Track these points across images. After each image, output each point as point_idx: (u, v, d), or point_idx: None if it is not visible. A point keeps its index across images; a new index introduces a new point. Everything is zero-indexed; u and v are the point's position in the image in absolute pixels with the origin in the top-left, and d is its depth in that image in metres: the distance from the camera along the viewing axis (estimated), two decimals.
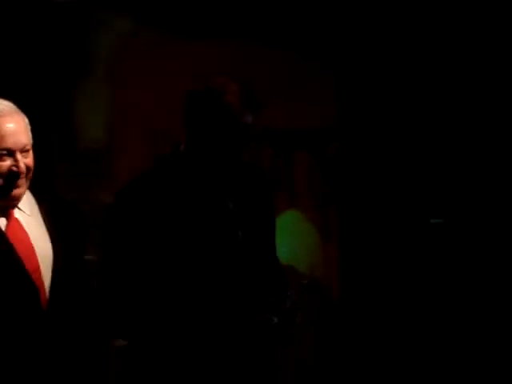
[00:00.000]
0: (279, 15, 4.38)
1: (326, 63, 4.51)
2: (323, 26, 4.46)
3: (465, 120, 4.42)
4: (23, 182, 2.54)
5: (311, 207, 4.61)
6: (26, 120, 2.58)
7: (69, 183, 4.08)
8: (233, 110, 2.57)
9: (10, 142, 2.50)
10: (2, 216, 2.56)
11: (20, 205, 2.58)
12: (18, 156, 2.51)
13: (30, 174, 2.56)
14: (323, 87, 4.53)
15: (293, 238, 4.59)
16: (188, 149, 2.63)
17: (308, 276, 4.58)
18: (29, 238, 2.54)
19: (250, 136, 2.61)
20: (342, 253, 4.56)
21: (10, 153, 2.51)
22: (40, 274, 2.52)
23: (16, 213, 2.57)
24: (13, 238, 2.52)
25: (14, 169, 2.51)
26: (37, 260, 2.53)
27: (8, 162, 2.51)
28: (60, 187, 3.98)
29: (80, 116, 4.11)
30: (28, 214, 2.58)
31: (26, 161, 2.53)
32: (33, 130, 2.61)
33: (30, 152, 2.56)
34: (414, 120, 4.49)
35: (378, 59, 4.47)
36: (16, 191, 2.53)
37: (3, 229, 2.54)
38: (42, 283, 2.52)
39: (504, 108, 4.34)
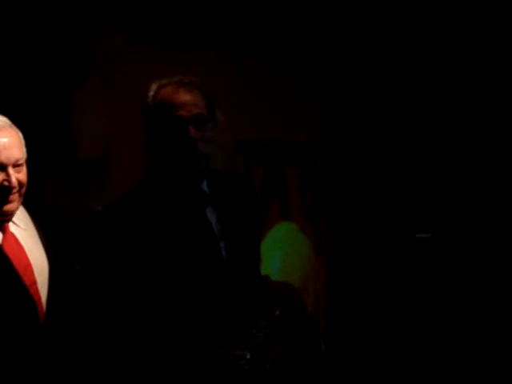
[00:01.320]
0: (269, 30, 4.40)
1: (312, 78, 4.54)
2: (311, 42, 4.50)
3: (450, 135, 4.44)
4: (16, 197, 2.53)
5: (303, 220, 4.62)
6: (20, 135, 2.59)
7: (65, 194, 4.09)
8: (177, 126, 2.48)
9: (2, 157, 2.49)
10: None
11: (15, 219, 2.59)
12: (10, 170, 2.50)
13: (24, 190, 2.57)
14: (310, 102, 4.56)
15: (288, 248, 4.60)
16: (154, 166, 2.58)
17: (300, 287, 4.59)
18: (25, 253, 2.55)
19: (200, 150, 2.49)
20: (329, 266, 4.57)
21: (2, 167, 2.51)
22: (37, 287, 2.54)
23: (11, 227, 2.59)
24: (9, 253, 2.53)
25: (6, 183, 2.50)
26: (33, 274, 2.54)
27: (0, 177, 2.51)
28: (55, 198, 4.00)
29: (76, 126, 4.12)
30: (23, 228, 2.60)
31: (18, 176, 2.52)
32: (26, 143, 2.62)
33: (24, 167, 2.56)
34: (400, 135, 4.51)
35: (364, 75, 4.50)
36: (8, 206, 2.52)
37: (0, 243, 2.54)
38: (39, 297, 2.54)
39: (488, 123, 4.36)
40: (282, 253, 4.58)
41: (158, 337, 2.43)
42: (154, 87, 2.53)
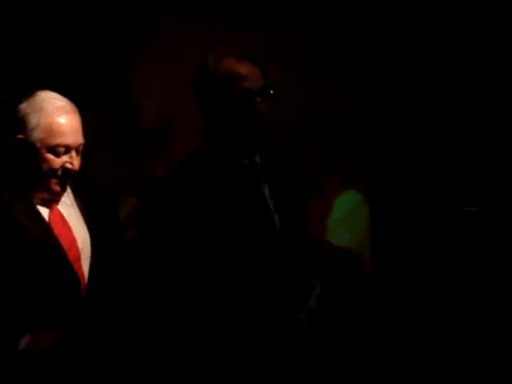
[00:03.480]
0: (310, 4, 4.36)
1: (354, 52, 4.51)
2: (352, 16, 4.46)
3: (497, 108, 4.39)
4: (70, 182, 2.57)
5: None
6: (81, 121, 2.60)
7: (126, 164, 4.02)
8: (245, 98, 2.48)
9: (69, 139, 2.52)
10: (44, 207, 2.58)
11: None
12: (74, 154, 2.53)
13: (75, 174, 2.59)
14: (351, 75, 4.52)
15: (355, 219, 4.60)
16: (207, 138, 2.57)
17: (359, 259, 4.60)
18: (71, 229, 2.57)
19: (263, 122, 2.50)
20: (375, 240, 4.55)
21: (68, 150, 2.53)
22: (80, 264, 2.55)
23: (57, 204, 2.60)
24: (56, 229, 2.55)
25: (69, 166, 2.53)
26: (78, 251, 2.56)
27: (63, 159, 2.53)
28: (119, 166, 3.97)
29: (135, 97, 4.05)
30: (68, 204, 2.61)
31: (76, 161, 2.55)
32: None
33: (80, 154, 2.58)
34: (447, 107, 4.47)
35: (405, 48, 4.47)
36: (62, 189, 2.55)
37: (47, 219, 2.56)
38: (82, 273, 2.56)
39: None
40: (352, 227, 4.59)
41: (219, 303, 2.46)
42: (212, 59, 2.52)
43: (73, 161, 2.54)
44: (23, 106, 2.54)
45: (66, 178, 2.55)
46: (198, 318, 2.46)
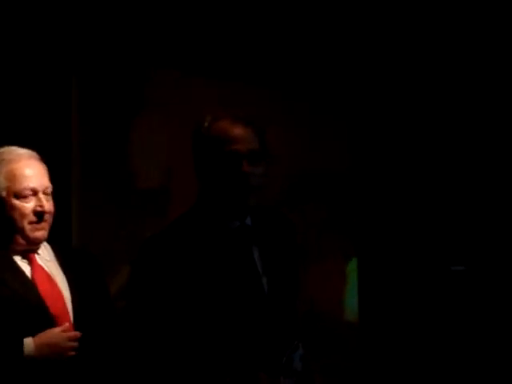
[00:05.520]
0: (293, 66, 4.45)
1: (339, 114, 4.59)
2: (335, 78, 4.55)
3: (482, 166, 4.44)
4: (46, 225, 2.58)
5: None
6: (46, 167, 2.65)
7: (125, 226, 3.99)
8: (232, 160, 2.48)
9: (35, 182, 2.56)
10: (24, 262, 2.59)
11: (39, 251, 2.62)
12: (42, 196, 2.56)
13: (51, 219, 2.61)
14: (337, 137, 4.60)
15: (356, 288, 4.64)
16: (200, 198, 2.57)
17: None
18: (56, 284, 2.58)
19: (252, 185, 2.49)
20: (362, 299, 4.55)
21: (35, 193, 2.56)
22: (69, 319, 2.56)
23: (37, 259, 2.61)
24: (41, 285, 2.56)
25: (39, 208, 2.55)
26: (65, 305, 2.57)
27: (32, 203, 2.56)
28: (114, 231, 3.94)
29: (134, 157, 4.06)
30: (48, 260, 2.62)
31: (48, 204, 2.58)
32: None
33: (51, 198, 2.61)
34: (432, 166, 4.51)
35: (388, 109, 4.55)
36: (39, 233, 2.56)
37: (29, 275, 2.57)
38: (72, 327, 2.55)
39: None
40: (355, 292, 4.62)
41: (201, 366, 2.44)
42: (208, 119, 2.53)
43: (42, 203, 2.57)
44: None
45: (40, 220, 2.56)
46: (183, 379, 2.43)
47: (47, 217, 2.58)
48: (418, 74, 4.50)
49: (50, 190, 2.61)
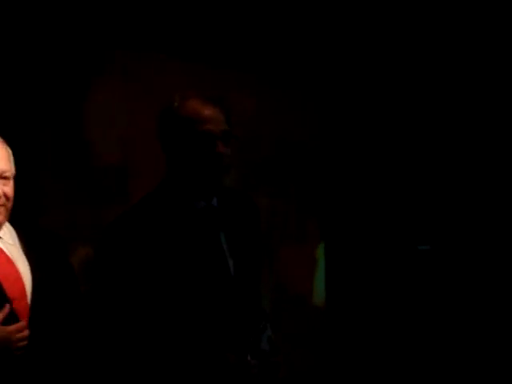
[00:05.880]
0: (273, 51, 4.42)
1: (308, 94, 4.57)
2: (301, 51, 4.51)
3: (449, 145, 4.42)
4: (2, 209, 2.52)
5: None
6: (9, 150, 2.59)
7: (79, 206, 3.76)
8: (207, 140, 2.48)
9: None
10: None
11: (1, 234, 2.58)
12: (1, 181, 2.50)
13: (10, 204, 2.56)
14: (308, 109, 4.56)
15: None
16: (167, 177, 2.56)
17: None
18: (16, 268, 2.53)
19: (225, 165, 2.52)
20: (329, 279, 4.55)
21: None
22: (27, 302, 2.52)
23: None
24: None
25: None
26: (24, 288, 2.52)
27: None
28: (67, 212, 3.72)
29: (90, 128, 3.79)
30: (10, 244, 2.58)
31: (4, 188, 2.52)
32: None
33: (11, 181, 2.55)
34: (400, 145, 4.50)
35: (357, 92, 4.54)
36: None
37: None
38: (26, 311, 2.51)
39: (487, 128, 4.33)
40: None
41: (167, 345, 2.44)
42: (177, 98, 2.52)
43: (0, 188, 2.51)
44: None
45: None
46: (148, 359, 2.43)
47: (3, 201, 2.53)
48: (386, 43, 4.47)
49: (8, 174, 2.55)
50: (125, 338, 2.44)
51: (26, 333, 2.45)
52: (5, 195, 2.53)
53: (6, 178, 2.54)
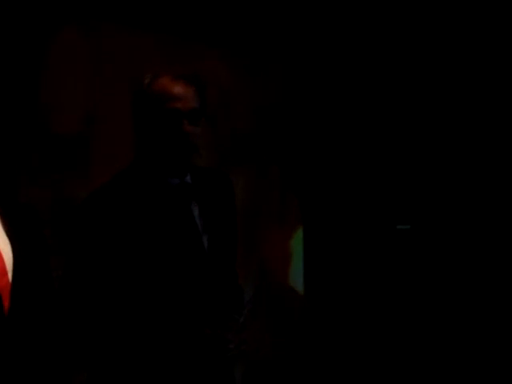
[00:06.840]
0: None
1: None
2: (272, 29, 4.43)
3: (432, 123, 4.39)
4: None
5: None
6: None
7: (38, 178, 3.55)
8: (173, 118, 2.47)
9: None
10: None
11: None
12: None
13: None
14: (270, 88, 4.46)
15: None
16: (138, 154, 2.56)
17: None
18: None
19: (192, 144, 2.49)
20: (307, 259, 4.50)
21: None
22: (8, 278, 2.42)
23: None
24: None
25: None
26: (4, 265, 2.43)
27: None
28: (25, 185, 3.51)
29: (49, 93, 3.56)
30: None
31: None
32: None
33: None
34: (380, 124, 4.47)
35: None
36: None
37: None
38: (8, 290, 2.42)
39: (467, 110, 4.32)
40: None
41: (140, 321, 2.44)
42: (149, 75, 2.52)
43: None
44: None
45: None
46: (123, 336, 2.43)
47: None
48: (356, 11, 4.45)
49: None
50: (97, 315, 2.44)
51: None
52: None
53: None
